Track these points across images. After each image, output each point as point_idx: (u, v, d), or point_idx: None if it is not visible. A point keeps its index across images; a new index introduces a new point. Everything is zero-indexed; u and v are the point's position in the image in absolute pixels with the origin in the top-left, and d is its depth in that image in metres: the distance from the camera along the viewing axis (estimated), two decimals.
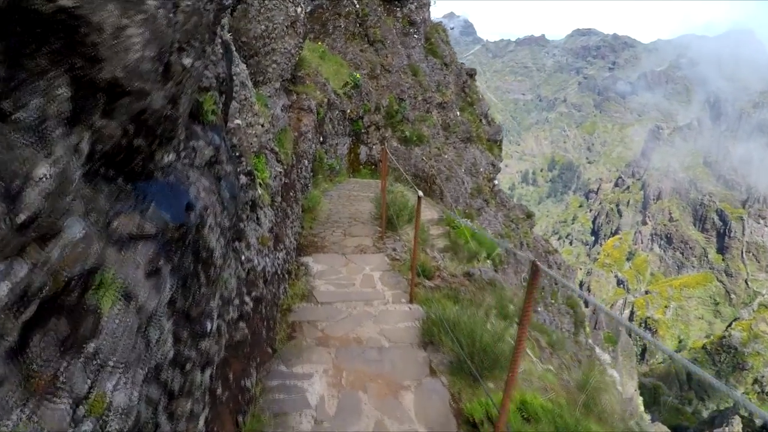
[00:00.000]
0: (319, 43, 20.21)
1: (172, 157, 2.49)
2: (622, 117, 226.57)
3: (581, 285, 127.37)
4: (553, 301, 36.47)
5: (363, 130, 21.18)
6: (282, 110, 7.99)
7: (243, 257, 4.97)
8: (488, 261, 24.72)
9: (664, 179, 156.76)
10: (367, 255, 9.83)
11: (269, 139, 6.78)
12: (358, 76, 20.36)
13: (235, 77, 4.91)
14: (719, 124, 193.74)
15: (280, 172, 6.95)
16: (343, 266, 9.15)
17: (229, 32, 6.43)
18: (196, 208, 2.62)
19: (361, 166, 21.75)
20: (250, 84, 5.67)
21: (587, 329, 42.01)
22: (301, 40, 8.03)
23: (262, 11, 6.64)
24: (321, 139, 16.13)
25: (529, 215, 34.23)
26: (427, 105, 24.86)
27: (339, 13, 22.92)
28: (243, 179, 5.00)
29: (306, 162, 12.14)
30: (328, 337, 6.56)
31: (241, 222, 4.96)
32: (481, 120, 30.34)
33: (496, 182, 30.82)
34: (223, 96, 3.55)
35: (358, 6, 23.49)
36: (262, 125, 5.90)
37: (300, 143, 11.54)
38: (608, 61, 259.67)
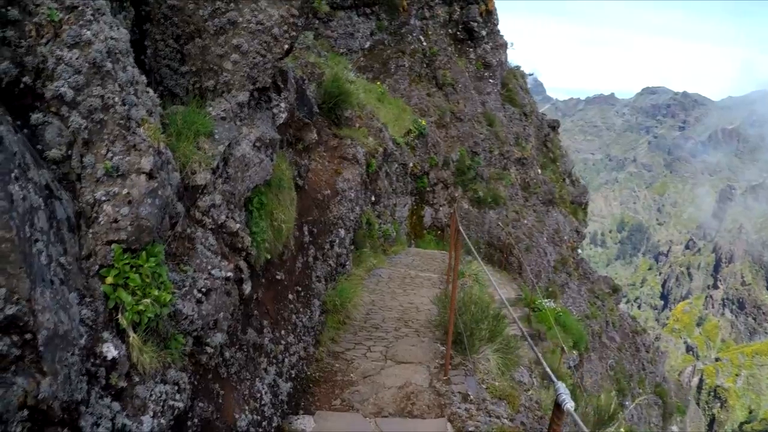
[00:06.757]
0: (378, 83, 16.93)
1: None
2: (693, 177, 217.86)
3: (648, 351, 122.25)
4: (640, 391, 31.29)
5: (428, 188, 17.89)
6: (256, 149, 4.17)
7: None
8: (574, 351, 20.46)
9: (736, 241, 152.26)
10: (416, 420, 5.44)
11: (212, 206, 3.08)
12: (423, 123, 17.13)
13: None
14: None
15: (226, 278, 3.20)
16: None
17: None
18: None
19: (425, 231, 18.24)
20: (126, 74, 2.07)
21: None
22: (295, 13, 4.29)
23: None
24: (373, 198, 12.66)
25: (616, 289, 29.54)
26: (505, 160, 21.07)
27: (403, 50, 19.63)
28: None
29: (341, 232, 8.44)
30: None
31: None
32: (564, 179, 26.21)
33: (579, 251, 26.46)
34: None
35: (425, 44, 20.16)
36: (151, 175, 2.56)
37: (332, 206, 7.93)
38: (678, 119, 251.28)
